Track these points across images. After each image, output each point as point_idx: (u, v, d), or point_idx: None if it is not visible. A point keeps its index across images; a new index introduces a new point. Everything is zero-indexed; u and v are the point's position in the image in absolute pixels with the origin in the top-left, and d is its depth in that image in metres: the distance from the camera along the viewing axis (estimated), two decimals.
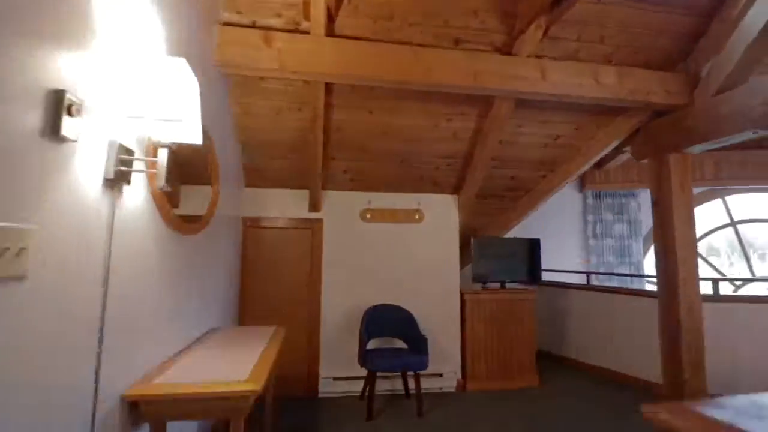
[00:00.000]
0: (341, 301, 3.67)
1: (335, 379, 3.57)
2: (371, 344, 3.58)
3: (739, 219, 5.50)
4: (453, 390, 3.72)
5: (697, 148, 3.07)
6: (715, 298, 3.66)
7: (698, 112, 2.95)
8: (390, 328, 3.55)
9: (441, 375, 3.72)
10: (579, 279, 5.00)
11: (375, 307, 3.57)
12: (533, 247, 4.13)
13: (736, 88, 2.74)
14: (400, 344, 3.60)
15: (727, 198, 5.50)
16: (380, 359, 3.12)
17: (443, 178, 3.83)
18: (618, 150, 4.49)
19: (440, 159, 3.63)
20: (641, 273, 5.03)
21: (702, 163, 4.71)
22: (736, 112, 2.69)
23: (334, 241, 3.71)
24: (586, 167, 3.86)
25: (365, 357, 3.14)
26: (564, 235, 5.31)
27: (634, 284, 4.77)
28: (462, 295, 3.84)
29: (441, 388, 3.71)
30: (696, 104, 2.99)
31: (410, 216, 3.84)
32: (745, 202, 5.49)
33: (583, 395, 3.58)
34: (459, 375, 3.77)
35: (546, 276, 4.33)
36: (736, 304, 3.53)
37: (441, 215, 3.90)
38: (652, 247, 5.34)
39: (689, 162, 3.21)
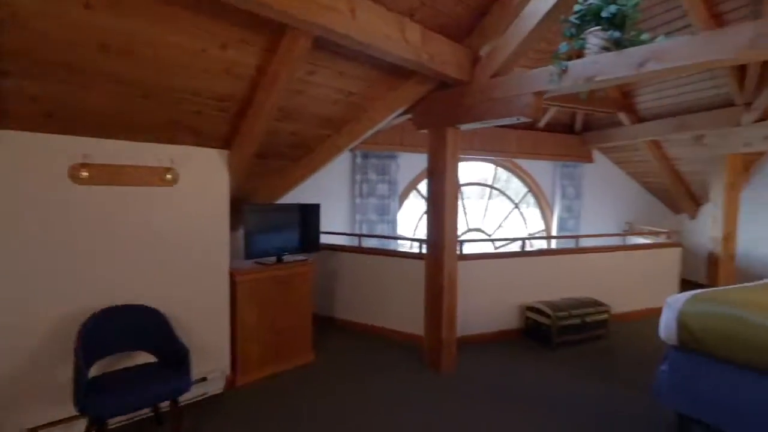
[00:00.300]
0: (40, 308, 2.29)
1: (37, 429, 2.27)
2: (100, 367, 2.40)
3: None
4: (221, 391, 3.04)
5: (471, 126, 3.27)
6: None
7: (476, 91, 3.09)
8: (128, 340, 2.48)
9: (205, 379, 2.95)
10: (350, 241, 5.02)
11: (102, 312, 2.39)
12: (312, 213, 3.71)
13: (508, 76, 2.97)
14: (146, 357, 2.58)
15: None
16: (113, 395, 2.09)
17: (209, 127, 2.82)
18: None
19: (207, 100, 2.60)
20: (395, 229, 5.53)
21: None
22: (507, 99, 2.92)
23: (16, 215, 2.22)
24: (372, 131, 3.65)
25: (85, 395, 2.02)
26: (336, 196, 5.17)
27: (398, 245, 5.20)
28: (232, 276, 3.09)
29: (205, 394, 2.96)
30: (474, 83, 3.13)
31: (157, 176, 2.70)
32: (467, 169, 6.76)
33: (357, 358, 3.59)
34: (228, 371, 3.10)
35: (322, 239, 4.07)
36: (468, 261, 4.20)
37: (204, 176, 2.92)
38: (405, 205, 5.96)
39: (460, 135, 3.41)
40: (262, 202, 3.67)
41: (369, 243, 5.14)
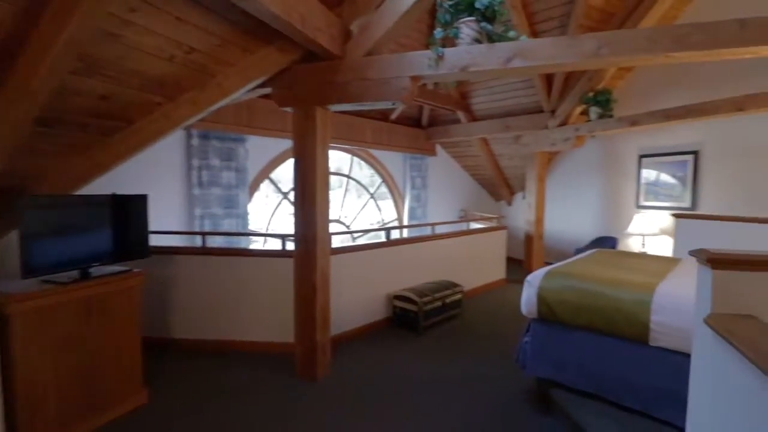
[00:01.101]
0: None
1: None
2: None
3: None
4: None
5: (343, 107, 3.02)
6: None
7: (349, 69, 2.85)
8: None
9: None
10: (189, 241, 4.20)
11: None
12: (135, 207, 2.81)
13: (384, 56, 2.81)
14: None
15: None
16: None
17: None
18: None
19: None
20: (246, 224, 4.89)
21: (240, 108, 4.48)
22: (382, 81, 2.76)
23: None
24: (220, 105, 3.03)
25: None
26: (165, 185, 4.23)
27: (253, 242, 4.55)
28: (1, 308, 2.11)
29: None
30: (347, 60, 2.87)
31: None
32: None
33: (211, 383, 2.99)
34: None
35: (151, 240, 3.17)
36: (337, 256, 3.98)
37: None
38: (256, 196, 5.34)
39: (329, 117, 3.12)
40: (52, 194, 2.59)
41: (215, 242, 4.42)
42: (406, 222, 6.98)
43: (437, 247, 4.78)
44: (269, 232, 5.52)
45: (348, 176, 6.53)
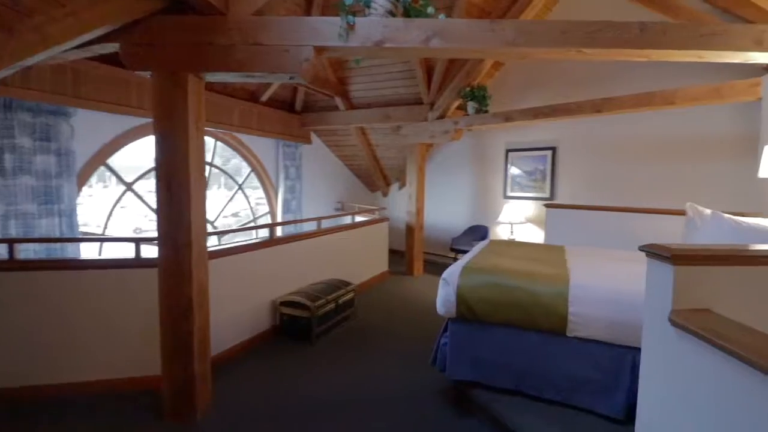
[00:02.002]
0: None
1: None
2: None
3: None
4: None
5: (225, 77, 2.39)
6: None
7: (235, 30, 2.25)
8: None
9: None
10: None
11: None
12: None
13: (281, 18, 2.29)
14: None
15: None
16: None
17: None
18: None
19: None
20: (75, 225, 3.68)
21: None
22: (279, 48, 2.25)
23: None
24: (35, 60, 2.09)
25: None
26: None
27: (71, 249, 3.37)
28: None
29: None
30: (231, 17, 2.27)
31: None
32: None
33: None
34: None
35: None
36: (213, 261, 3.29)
37: None
38: (85, 190, 4.09)
39: (203, 89, 2.46)
40: None
41: (29, 252, 3.24)
42: (280, 216, 6.38)
43: (322, 243, 4.41)
44: (114, 235, 4.35)
45: (210, 164, 5.61)
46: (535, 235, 5.45)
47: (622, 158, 4.69)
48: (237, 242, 3.89)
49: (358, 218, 5.54)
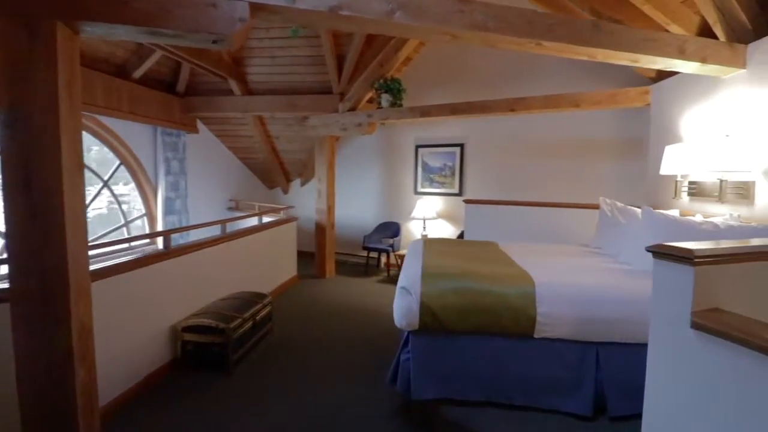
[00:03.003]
0: None
1: None
2: None
3: None
4: None
5: (114, 31, 1.71)
6: None
7: None
8: None
9: None
10: None
11: None
12: None
13: None
14: None
15: None
16: None
17: None
18: None
19: None
20: None
21: None
22: (206, 2, 1.69)
23: None
24: None
25: None
26: None
27: None
28: None
29: None
30: None
31: None
32: None
33: None
34: None
35: None
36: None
37: None
38: None
39: (77, 47, 1.74)
40: None
41: None
42: (160, 220, 5.34)
43: (227, 250, 3.74)
44: None
45: None
46: (446, 231, 5.54)
47: (524, 156, 5.01)
48: (112, 255, 3.03)
49: (266, 219, 4.91)
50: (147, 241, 5.08)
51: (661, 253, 1.41)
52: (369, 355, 3.17)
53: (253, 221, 4.81)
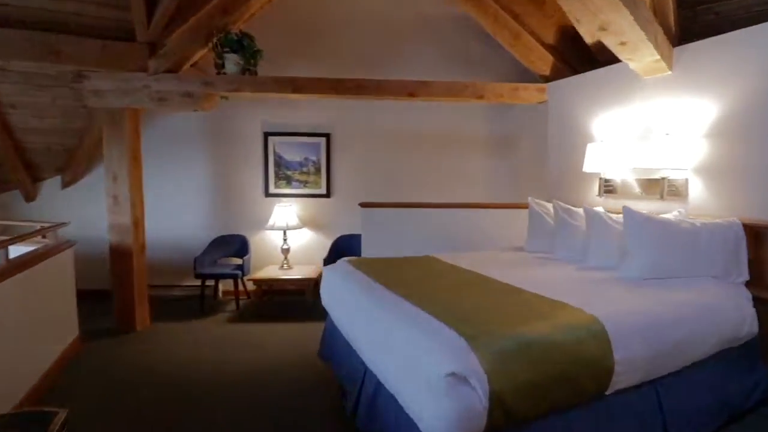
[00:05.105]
0: None
1: None
2: None
3: None
4: None
5: None
6: None
7: None
8: None
9: None
10: None
11: None
12: None
13: None
14: None
15: None
16: None
17: None
18: None
19: None
20: None
21: None
22: None
23: None
24: None
25: None
26: None
27: None
28: None
29: None
30: None
31: None
32: None
33: None
34: None
35: None
36: None
37: None
38: None
39: None
40: None
41: None
42: None
43: None
44: None
45: None
46: (314, 241, 4.40)
47: (398, 150, 4.43)
48: None
49: (15, 251, 2.68)
50: None
51: None
52: None
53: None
